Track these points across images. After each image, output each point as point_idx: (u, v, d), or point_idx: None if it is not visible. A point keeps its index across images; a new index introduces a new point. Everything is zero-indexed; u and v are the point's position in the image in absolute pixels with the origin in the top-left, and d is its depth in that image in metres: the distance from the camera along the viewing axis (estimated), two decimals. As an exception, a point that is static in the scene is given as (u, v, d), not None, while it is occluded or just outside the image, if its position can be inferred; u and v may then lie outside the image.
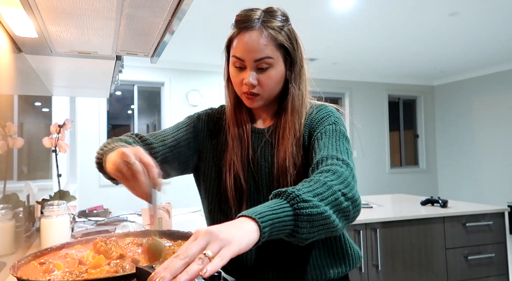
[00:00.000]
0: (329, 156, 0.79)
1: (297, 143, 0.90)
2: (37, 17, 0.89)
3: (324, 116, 0.92)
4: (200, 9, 3.42)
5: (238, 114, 0.97)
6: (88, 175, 4.75)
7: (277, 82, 0.90)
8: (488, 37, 4.49)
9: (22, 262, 0.71)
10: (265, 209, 0.60)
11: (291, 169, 0.88)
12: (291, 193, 0.63)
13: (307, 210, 0.61)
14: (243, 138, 0.95)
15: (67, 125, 1.66)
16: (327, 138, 0.85)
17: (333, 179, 0.70)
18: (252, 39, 0.86)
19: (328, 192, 0.66)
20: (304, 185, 0.67)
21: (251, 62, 0.87)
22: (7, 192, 1.13)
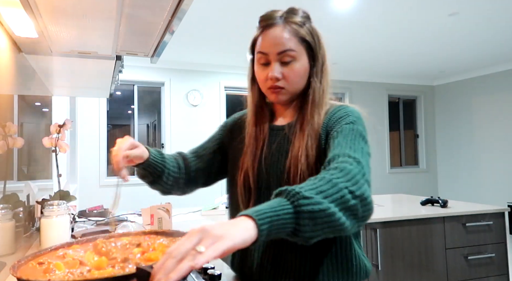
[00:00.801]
0: (341, 154, 0.77)
1: (313, 139, 0.89)
2: (37, 17, 0.89)
3: (342, 115, 0.90)
4: (200, 9, 3.42)
5: (259, 114, 0.99)
6: (88, 175, 4.76)
7: (301, 75, 0.91)
8: (488, 37, 4.49)
9: (22, 262, 0.71)
10: (264, 207, 0.59)
11: (303, 162, 0.86)
12: (291, 190, 0.62)
13: (309, 207, 0.60)
14: (259, 137, 0.97)
15: (67, 125, 1.66)
16: (342, 137, 0.83)
17: (340, 177, 0.68)
18: (275, 33, 0.89)
19: (333, 189, 0.65)
20: (308, 183, 0.66)
21: (274, 55, 0.89)
22: (7, 192, 1.13)
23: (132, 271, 0.62)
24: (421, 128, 7.02)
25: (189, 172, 1.04)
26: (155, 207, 1.77)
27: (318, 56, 0.92)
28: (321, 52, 0.93)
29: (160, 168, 0.97)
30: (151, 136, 5.56)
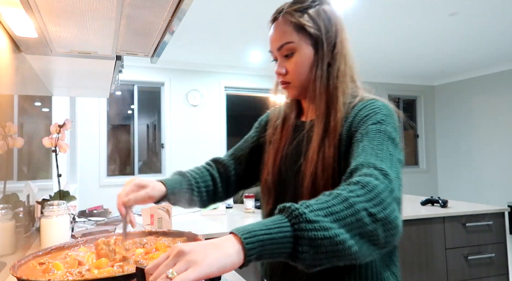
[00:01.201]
0: (365, 164, 0.65)
1: (330, 137, 0.79)
2: (37, 17, 0.89)
3: (369, 113, 0.77)
4: (200, 9, 3.42)
5: (287, 108, 0.95)
6: (88, 175, 4.76)
7: (304, 66, 0.84)
8: (488, 37, 4.49)
9: (22, 262, 0.71)
10: (259, 226, 0.52)
11: (318, 164, 0.78)
12: (295, 209, 0.54)
13: (310, 233, 0.51)
14: (283, 133, 0.92)
15: (67, 125, 1.66)
16: (368, 141, 0.71)
17: (360, 195, 0.57)
18: (274, 29, 0.86)
19: (348, 211, 0.55)
20: (319, 200, 0.57)
21: (276, 52, 0.87)
22: (7, 192, 1.13)
23: (132, 271, 0.62)
24: (421, 128, 7.02)
25: (229, 177, 1.02)
26: (155, 207, 1.77)
27: (323, 40, 0.83)
28: (329, 35, 0.83)
29: (186, 192, 0.94)
30: (151, 136, 5.56)
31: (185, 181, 0.96)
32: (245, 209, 2.35)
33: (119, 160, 5.23)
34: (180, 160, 5.19)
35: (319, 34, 0.83)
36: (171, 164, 5.17)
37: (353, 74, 0.87)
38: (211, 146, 5.42)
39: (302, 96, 0.90)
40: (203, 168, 1.02)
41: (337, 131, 0.79)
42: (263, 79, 5.80)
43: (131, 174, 5.15)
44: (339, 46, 0.84)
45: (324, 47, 0.83)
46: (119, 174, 5.12)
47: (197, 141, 5.35)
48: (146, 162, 5.40)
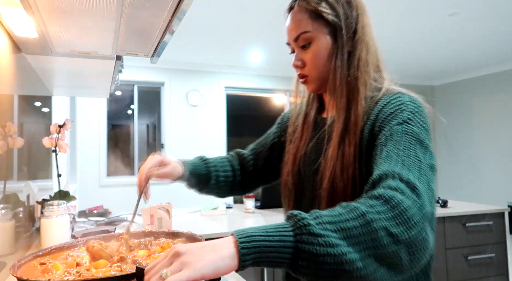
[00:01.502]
0: (389, 174, 0.57)
1: (351, 135, 0.73)
2: (37, 17, 0.89)
3: (394, 110, 0.69)
4: (200, 9, 3.42)
5: (308, 104, 0.90)
6: (88, 175, 4.76)
7: (322, 57, 0.78)
8: (488, 37, 4.49)
9: (22, 262, 0.71)
10: (260, 231, 0.49)
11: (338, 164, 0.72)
12: (301, 219, 0.49)
13: (312, 247, 0.47)
14: (303, 130, 0.87)
15: (67, 125, 1.66)
16: (393, 145, 0.63)
17: (381, 211, 0.51)
18: (289, 19, 0.81)
19: (364, 229, 0.49)
20: (333, 211, 0.52)
21: (293, 43, 0.82)
22: (7, 192, 1.13)
23: (131, 271, 0.62)
24: (421, 128, 7.01)
25: (247, 171, 1.01)
26: (155, 207, 1.77)
27: (342, 27, 0.76)
28: (348, 21, 0.77)
29: (203, 177, 0.95)
30: (151, 136, 5.56)
31: (204, 166, 0.97)
32: (245, 209, 2.35)
33: (119, 160, 5.23)
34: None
35: (338, 20, 0.77)
36: (171, 164, 5.16)
37: (378, 62, 0.81)
38: (211, 146, 5.42)
39: (322, 89, 0.83)
40: (225, 158, 1.02)
41: (357, 126, 0.73)
42: (263, 79, 5.80)
43: (131, 174, 5.15)
44: (360, 32, 0.78)
45: (343, 35, 0.76)
46: (119, 174, 5.12)
47: (197, 141, 5.35)
48: (146, 162, 5.39)
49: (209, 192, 0.99)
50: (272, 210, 2.39)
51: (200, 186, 0.97)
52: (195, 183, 0.96)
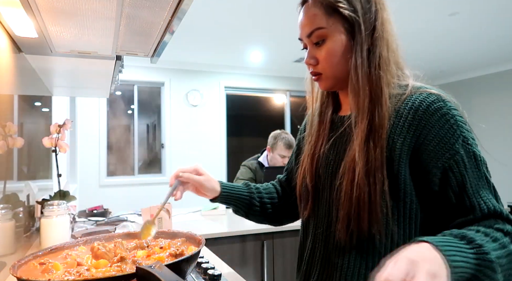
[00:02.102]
0: (493, 212, 0.64)
1: (375, 138, 0.69)
2: (37, 17, 0.89)
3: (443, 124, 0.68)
4: (200, 9, 3.42)
5: (324, 102, 0.86)
6: (88, 175, 4.76)
7: (337, 54, 0.74)
8: (488, 37, 4.49)
9: (22, 262, 0.71)
10: (453, 247, 0.55)
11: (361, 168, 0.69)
12: (484, 253, 0.57)
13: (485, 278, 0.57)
14: (320, 128, 0.84)
15: (67, 125, 1.66)
16: (470, 176, 0.66)
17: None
18: (302, 14, 0.77)
19: (510, 265, 0.60)
20: (498, 251, 0.59)
21: (306, 39, 0.78)
22: (7, 192, 1.13)
23: (130, 271, 0.62)
24: (421, 128, 7.02)
25: (289, 192, 0.97)
26: (155, 207, 1.77)
27: (360, 23, 0.72)
28: (367, 16, 0.73)
29: (245, 198, 0.93)
30: (151, 136, 5.56)
31: (246, 188, 0.95)
32: (245, 209, 2.35)
33: (119, 160, 5.23)
34: (180, 160, 5.19)
35: (355, 16, 0.72)
36: (171, 164, 5.16)
37: (399, 60, 0.78)
38: (211, 146, 5.42)
39: (337, 87, 0.81)
40: (270, 183, 1.01)
41: (384, 129, 0.70)
42: (263, 79, 5.80)
43: (131, 174, 5.15)
44: (379, 28, 0.74)
45: (362, 31, 0.72)
46: (119, 174, 5.12)
47: (197, 141, 5.35)
48: (146, 162, 5.40)
49: (258, 217, 0.97)
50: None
51: (244, 209, 0.94)
52: (237, 205, 0.93)
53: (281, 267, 1.98)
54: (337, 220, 0.74)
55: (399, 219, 0.69)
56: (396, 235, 0.69)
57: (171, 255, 0.74)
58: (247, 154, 3.02)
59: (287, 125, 6.07)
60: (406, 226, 0.70)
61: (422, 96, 0.71)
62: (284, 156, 2.64)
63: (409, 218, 0.69)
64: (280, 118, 6.09)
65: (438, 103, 0.69)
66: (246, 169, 2.76)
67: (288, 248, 1.99)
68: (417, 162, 0.69)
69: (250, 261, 1.92)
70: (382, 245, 0.70)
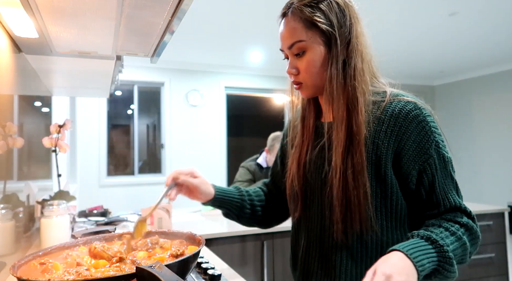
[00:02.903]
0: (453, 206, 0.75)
1: (355, 144, 0.76)
2: (37, 17, 0.89)
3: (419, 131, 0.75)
4: (200, 9, 3.42)
5: (306, 109, 0.90)
6: (88, 175, 4.76)
7: (316, 66, 0.78)
8: (488, 37, 4.49)
9: (22, 262, 0.71)
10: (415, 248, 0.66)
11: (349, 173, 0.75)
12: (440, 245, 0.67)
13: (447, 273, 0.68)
14: (304, 135, 0.88)
15: (67, 125, 1.66)
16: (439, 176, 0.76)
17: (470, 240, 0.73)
18: (283, 26, 0.81)
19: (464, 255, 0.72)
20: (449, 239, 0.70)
21: (286, 50, 0.82)
22: (7, 192, 1.13)
23: (131, 271, 0.62)
24: (421, 128, 7.01)
25: (276, 195, 1.01)
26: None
27: (336, 37, 0.77)
28: (342, 30, 0.77)
29: (237, 202, 0.95)
30: (151, 136, 5.56)
31: (237, 192, 0.96)
32: (245, 209, 2.35)
33: (119, 160, 5.23)
34: (180, 160, 5.19)
35: (332, 30, 0.77)
36: (171, 164, 5.16)
37: (374, 70, 0.84)
38: (211, 146, 5.42)
39: (317, 94, 0.85)
40: (259, 189, 1.04)
41: (361, 135, 0.75)
42: (263, 79, 5.80)
43: (131, 174, 5.15)
44: (354, 41, 0.78)
45: (338, 44, 0.77)
46: (119, 174, 5.12)
47: (197, 141, 5.35)
48: (146, 162, 5.40)
49: (248, 220, 0.98)
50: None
51: (235, 212, 0.96)
52: (229, 208, 0.95)
53: (281, 267, 1.97)
54: (331, 223, 0.80)
55: (387, 215, 0.78)
56: (385, 229, 0.78)
57: (172, 256, 0.74)
58: (247, 154, 3.02)
59: (287, 125, 6.07)
60: (394, 221, 0.78)
61: (401, 104, 0.77)
62: (283, 158, 2.63)
63: (396, 214, 0.78)
64: (280, 118, 6.09)
65: (415, 111, 0.76)
66: (245, 170, 2.76)
67: (288, 248, 1.99)
68: (398, 165, 0.77)
69: (250, 261, 1.92)
70: (374, 240, 0.78)
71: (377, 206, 0.77)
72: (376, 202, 0.77)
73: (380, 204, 0.77)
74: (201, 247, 0.77)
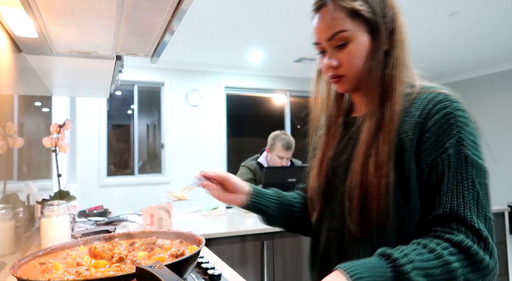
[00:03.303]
0: (455, 217, 0.63)
1: (385, 137, 0.71)
2: (37, 17, 0.89)
3: (442, 121, 0.68)
4: (200, 9, 3.42)
5: (333, 105, 0.86)
6: (88, 175, 4.76)
7: (360, 56, 0.75)
8: (488, 37, 4.49)
9: (22, 262, 0.71)
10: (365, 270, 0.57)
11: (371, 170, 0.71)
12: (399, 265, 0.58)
13: None
14: (330, 131, 0.85)
15: (67, 125, 1.66)
16: (452, 176, 0.65)
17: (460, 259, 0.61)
18: (321, 17, 0.77)
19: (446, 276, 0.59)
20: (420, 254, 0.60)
21: (325, 43, 0.78)
22: (7, 192, 1.13)
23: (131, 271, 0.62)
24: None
25: None
26: (155, 207, 1.77)
27: (379, 25, 0.74)
28: (386, 19, 0.75)
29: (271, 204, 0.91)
30: (151, 136, 5.56)
31: (274, 194, 0.93)
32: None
33: (119, 160, 5.23)
34: (180, 160, 5.19)
35: (376, 18, 0.74)
36: (171, 164, 5.16)
37: (409, 61, 0.80)
38: (211, 146, 5.42)
39: (355, 89, 0.81)
40: (295, 192, 1.00)
41: (393, 125, 0.71)
42: (263, 79, 5.80)
43: (131, 174, 5.15)
44: (398, 31, 0.76)
45: (382, 34, 0.74)
46: (119, 174, 5.12)
47: (197, 141, 5.35)
48: (146, 162, 5.40)
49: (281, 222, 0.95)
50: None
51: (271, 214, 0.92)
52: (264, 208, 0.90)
53: (281, 267, 1.98)
54: (350, 214, 0.76)
55: (404, 212, 0.71)
56: (403, 227, 0.71)
57: (172, 256, 0.74)
58: (247, 154, 3.02)
59: (287, 125, 6.07)
60: (411, 219, 0.71)
61: (431, 96, 0.72)
62: (282, 157, 2.63)
63: (414, 213, 0.71)
64: (280, 118, 6.09)
65: (444, 102, 0.70)
66: (246, 169, 2.76)
67: (288, 248, 1.99)
68: (418, 159, 0.70)
69: (250, 261, 1.92)
70: (394, 239, 0.71)
71: (395, 201, 0.70)
72: (395, 196, 0.70)
73: (399, 199, 0.70)
74: (201, 247, 0.77)
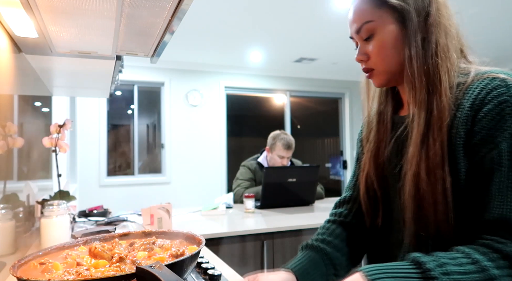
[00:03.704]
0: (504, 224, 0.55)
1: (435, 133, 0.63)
2: (37, 17, 0.89)
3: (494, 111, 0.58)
4: (200, 9, 3.42)
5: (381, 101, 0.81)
6: (88, 175, 4.76)
7: (390, 47, 0.70)
8: (488, 38, 4.49)
9: (22, 262, 0.71)
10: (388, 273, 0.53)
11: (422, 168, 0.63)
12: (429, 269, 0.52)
13: None
14: (380, 131, 0.78)
15: (67, 125, 1.66)
16: (504, 176, 0.56)
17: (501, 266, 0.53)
18: (353, 10, 0.74)
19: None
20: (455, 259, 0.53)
21: (355, 36, 0.75)
22: (7, 192, 1.13)
23: (131, 271, 0.62)
24: (421, 128, 7.01)
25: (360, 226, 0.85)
26: (155, 207, 1.77)
27: (410, 11, 0.67)
28: (418, 3, 0.67)
29: (321, 274, 0.80)
30: (151, 136, 5.56)
31: (319, 257, 0.81)
32: (245, 209, 2.35)
33: (119, 160, 5.23)
34: (180, 160, 5.19)
35: (405, 4, 0.68)
36: (171, 164, 5.16)
37: (461, 46, 0.73)
38: (211, 146, 5.42)
39: (392, 83, 0.75)
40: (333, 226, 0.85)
41: (443, 121, 0.63)
42: (263, 79, 5.80)
43: (131, 174, 5.15)
44: (434, 13, 0.67)
45: (414, 19, 0.67)
46: (119, 174, 5.12)
47: (197, 141, 5.35)
48: (146, 162, 5.40)
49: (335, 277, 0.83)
50: (272, 210, 2.39)
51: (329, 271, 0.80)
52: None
53: (281, 267, 1.97)
54: (406, 226, 0.69)
55: (462, 218, 0.63)
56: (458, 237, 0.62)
57: (172, 256, 0.74)
58: (247, 154, 3.02)
59: (287, 125, 6.07)
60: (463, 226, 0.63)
61: (484, 83, 0.62)
62: (283, 157, 2.63)
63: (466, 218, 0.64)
64: (280, 118, 6.09)
65: (500, 89, 0.59)
66: (246, 169, 2.76)
67: (288, 248, 1.99)
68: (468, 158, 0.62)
69: (250, 261, 1.92)
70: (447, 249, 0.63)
71: (454, 208, 0.62)
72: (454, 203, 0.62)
73: (456, 204, 0.62)
74: (201, 247, 0.77)
